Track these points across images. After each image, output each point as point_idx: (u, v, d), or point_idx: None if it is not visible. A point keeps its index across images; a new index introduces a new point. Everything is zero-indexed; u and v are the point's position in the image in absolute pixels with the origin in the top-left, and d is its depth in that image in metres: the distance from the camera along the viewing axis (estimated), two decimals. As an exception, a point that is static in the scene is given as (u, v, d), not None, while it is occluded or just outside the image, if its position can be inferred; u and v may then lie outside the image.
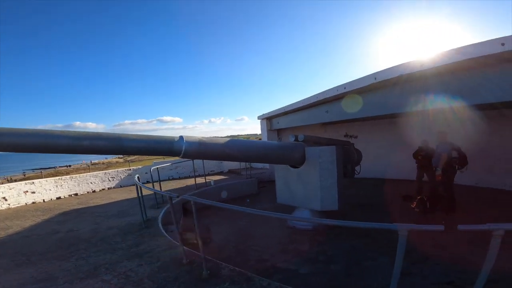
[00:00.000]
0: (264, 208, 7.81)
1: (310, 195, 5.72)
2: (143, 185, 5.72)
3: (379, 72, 5.28)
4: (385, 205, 7.33)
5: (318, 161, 5.52)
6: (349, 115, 6.94)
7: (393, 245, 4.46)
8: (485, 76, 3.78)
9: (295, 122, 10.74)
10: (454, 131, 9.05)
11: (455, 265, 3.98)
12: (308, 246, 5.05)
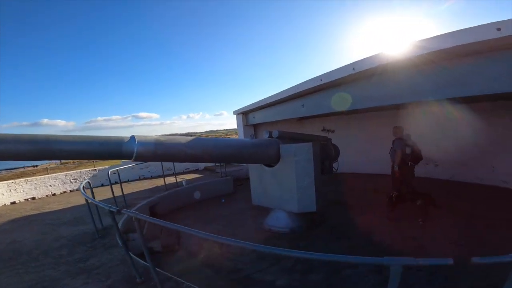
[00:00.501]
0: (240, 208, 7.35)
1: (287, 196, 5.28)
2: (85, 194, 4.99)
3: (357, 62, 4.85)
4: (364, 203, 7.04)
5: (293, 160, 5.05)
6: (326, 108, 6.52)
7: (374, 248, 3.93)
8: (473, 67, 3.41)
9: (271, 117, 10.26)
10: (432, 125, 9.13)
11: (442, 273, 3.66)
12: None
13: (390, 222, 5.47)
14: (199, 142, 4.27)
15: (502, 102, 7.38)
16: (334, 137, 10.86)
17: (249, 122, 12.56)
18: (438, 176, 8.69)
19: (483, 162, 7.88)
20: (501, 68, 3.15)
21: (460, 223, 5.13)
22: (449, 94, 3.80)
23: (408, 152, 5.92)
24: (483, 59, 3.30)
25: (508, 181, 7.32)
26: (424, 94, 4.13)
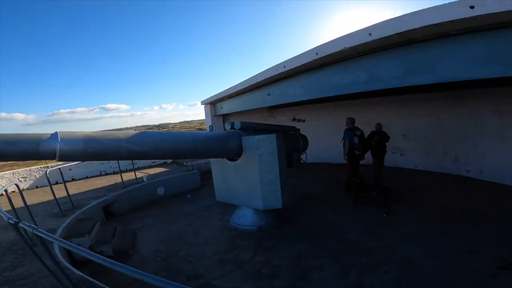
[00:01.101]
0: (206, 205, 6.95)
1: (251, 192, 4.91)
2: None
3: (321, 46, 4.44)
4: (334, 196, 6.86)
5: (256, 153, 4.64)
6: (291, 97, 6.12)
7: (341, 248, 4.18)
8: (440, 51, 3.08)
9: (238, 107, 9.76)
10: (398, 115, 9.15)
11: (409, 274, 3.47)
12: (251, 254, 4.37)
13: (357, 218, 5.32)
14: (144, 137, 3.71)
15: (467, 91, 7.37)
16: (305, 126, 10.73)
17: (217, 113, 12.00)
18: (405, 165, 8.70)
19: (447, 151, 7.91)
20: (472, 52, 2.85)
21: (423, 219, 5.03)
22: (415, 81, 3.49)
23: (355, 142, 6.37)
24: (451, 43, 2.98)
25: (471, 170, 7.37)
26: (390, 81, 3.80)
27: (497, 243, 3.94)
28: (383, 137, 7.13)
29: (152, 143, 3.75)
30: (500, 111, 6.63)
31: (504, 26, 2.54)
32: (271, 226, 5.21)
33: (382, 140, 7.12)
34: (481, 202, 5.55)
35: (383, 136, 7.15)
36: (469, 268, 3.40)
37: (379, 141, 7.06)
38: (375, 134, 7.15)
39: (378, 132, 7.16)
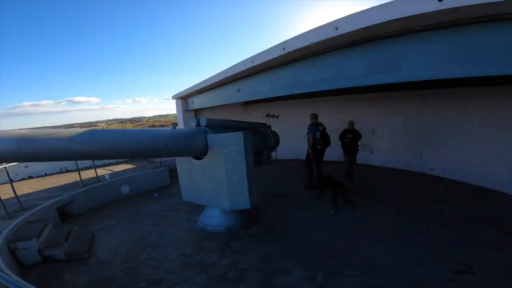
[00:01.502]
0: (173, 204, 6.63)
1: (218, 192, 4.67)
2: None
3: (288, 40, 4.23)
4: (304, 194, 6.76)
5: (222, 152, 4.39)
6: (260, 94, 5.92)
7: (309, 249, 4.10)
8: (407, 49, 2.97)
9: (209, 102, 9.43)
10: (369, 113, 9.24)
11: (372, 279, 3.40)
12: (217, 256, 4.17)
13: (326, 217, 5.24)
14: (92, 136, 3.33)
15: (431, 90, 7.50)
16: (279, 123, 10.69)
17: (189, 108, 11.57)
18: (374, 163, 8.80)
19: (412, 150, 8.04)
20: (438, 51, 2.75)
21: (388, 219, 5.03)
22: (381, 79, 3.38)
23: (317, 137, 6.58)
24: (418, 40, 2.86)
25: (434, 168, 7.53)
26: (356, 79, 3.68)
27: (457, 245, 3.98)
28: (355, 135, 7.08)
29: (101, 143, 3.37)
30: (462, 111, 6.78)
31: (472, 23, 2.44)
32: (239, 227, 5.02)
33: (355, 138, 7.07)
34: (443, 202, 5.63)
35: (355, 134, 7.10)
36: (430, 273, 3.39)
37: (351, 139, 7.02)
38: (348, 132, 7.10)
39: (351, 130, 7.10)
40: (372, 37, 3.17)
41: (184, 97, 11.54)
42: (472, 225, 4.54)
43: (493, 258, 3.58)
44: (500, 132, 5.96)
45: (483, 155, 6.34)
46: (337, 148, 9.87)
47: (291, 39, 4.18)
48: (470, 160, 6.63)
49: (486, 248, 3.85)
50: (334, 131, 9.76)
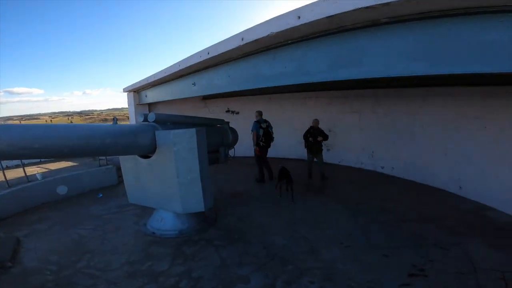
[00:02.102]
0: (120, 205, 6.00)
1: (168, 194, 4.25)
2: None
3: (247, 30, 3.90)
4: (262, 192, 6.56)
5: (172, 150, 3.97)
6: (217, 88, 5.52)
7: (268, 254, 3.92)
8: (368, 43, 2.80)
9: (164, 96, 8.76)
10: (325, 110, 9.33)
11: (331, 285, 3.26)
12: (168, 264, 3.79)
13: (284, 218, 5.09)
14: (8, 131, 2.69)
15: (383, 90, 7.72)
16: (239, 119, 10.35)
17: (142, 101, 10.70)
18: (330, 160, 8.87)
19: (366, 148, 8.22)
20: (401, 46, 2.61)
21: (344, 218, 5.02)
22: (343, 75, 3.21)
23: (260, 133, 6.87)
24: (382, 33, 2.70)
25: (385, 167, 7.75)
26: (317, 74, 3.48)
27: (408, 246, 4.02)
28: (320, 135, 6.93)
29: (12, 140, 2.73)
30: (410, 111, 7.02)
31: (439, 16, 2.31)
32: (194, 230, 4.64)
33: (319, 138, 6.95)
34: (393, 201, 5.75)
35: (319, 133, 6.94)
36: (385, 277, 3.36)
37: (316, 139, 6.90)
38: (312, 131, 6.95)
39: (315, 129, 6.96)
40: (336, 29, 2.96)
41: (136, 90, 10.64)
42: (420, 225, 4.65)
43: (442, 259, 3.64)
44: (445, 132, 6.26)
45: (429, 154, 6.63)
46: (298, 145, 9.92)
47: (250, 28, 3.85)
48: (417, 160, 6.92)
49: (435, 248, 3.92)
50: (296, 130, 9.83)
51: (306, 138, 7.04)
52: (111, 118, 55.26)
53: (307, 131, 7.05)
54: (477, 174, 5.60)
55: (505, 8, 2.05)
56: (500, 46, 2.17)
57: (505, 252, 3.71)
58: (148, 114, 4.41)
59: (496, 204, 5.17)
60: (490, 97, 5.35)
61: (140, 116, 4.47)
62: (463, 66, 2.41)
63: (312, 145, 6.98)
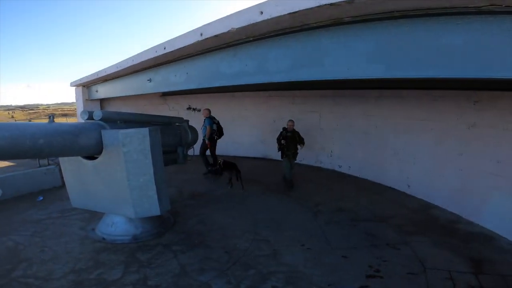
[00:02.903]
0: (63, 210, 5.37)
1: (118, 198, 3.86)
2: None
3: (206, 25, 3.65)
4: (223, 192, 6.33)
5: (121, 151, 3.59)
6: (173, 85, 5.17)
7: (230, 258, 3.77)
8: (332, 43, 2.74)
9: (117, 91, 8.09)
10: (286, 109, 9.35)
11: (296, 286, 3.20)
12: (121, 272, 3.46)
13: (246, 219, 4.95)
14: None
15: (340, 91, 7.88)
16: (201, 117, 10.04)
17: (92, 97, 9.82)
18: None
19: (325, 147, 8.37)
20: (364, 47, 2.56)
21: (307, 219, 5.01)
22: (304, 75, 3.12)
23: (214, 128, 7.23)
24: (344, 33, 2.64)
25: (343, 166, 7.96)
26: (278, 74, 3.36)
27: (364, 246, 4.11)
28: (294, 136, 6.38)
29: None
30: (365, 112, 7.29)
31: (399, 17, 2.30)
32: (149, 235, 4.30)
33: (294, 140, 6.36)
34: (350, 200, 5.87)
35: (294, 135, 6.38)
36: (345, 279, 3.38)
37: (290, 142, 6.33)
38: (286, 134, 6.34)
39: (291, 131, 6.37)
40: (299, 27, 2.85)
41: (86, 85, 9.73)
42: (374, 224, 4.80)
43: (394, 259, 3.76)
44: (395, 133, 6.58)
45: (381, 154, 6.92)
46: (259, 144, 9.84)
47: (210, 23, 3.60)
48: (371, 159, 7.20)
49: (388, 248, 4.05)
50: (259, 129, 9.81)
51: (279, 141, 6.41)
52: (59, 113, 50.72)
53: (280, 133, 6.44)
54: (423, 174, 5.95)
55: (464, 10, 2.08)
56: (454, 50, 2.22)
57: (450, 251, 3.93)
58: (94, 112, 3.98)
59: (439, 202, 5.53)
60: (436, 100, 5.71)
61: (84, 113, 4.01)
62: (419, 71, 2.44)
63: (287, 149, 6.36)
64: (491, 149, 4.71)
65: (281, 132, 6.43)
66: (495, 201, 4.63)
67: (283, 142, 6.30)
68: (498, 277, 3.35)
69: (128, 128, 3.83)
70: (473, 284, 3.22)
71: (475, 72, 2.22)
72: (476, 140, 4.99)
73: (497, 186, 4.57)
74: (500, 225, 4.44)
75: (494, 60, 2.11)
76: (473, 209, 4.91)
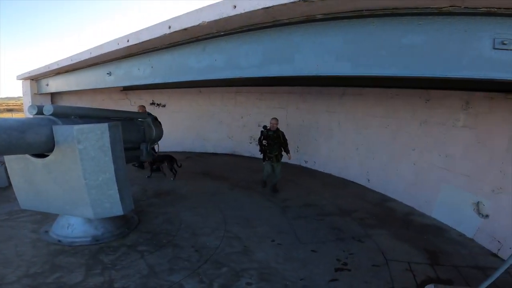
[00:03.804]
0: (11, 212, 4.88)
1: (74, 198, 3.57)
2: None
3: (176, 18, 3.48)
4: (191, 189, 6.17)
5: (75, 148, 3.31)
6: (137, 79, 4.87)
7: (200, 257, 3.68)
8: (302, 39, 2.75)
9: (71, 85, 7.43)
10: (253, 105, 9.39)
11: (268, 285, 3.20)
12: (83, 275, 3.22)
13: (215, 216, 4.86)
14: None
15: (306, 88, 8.05)
16: (166, 112, 9.63)
17: (42, 91, 8.94)
18: (260, 156, 9.04)
19: (291, 143, 8.56)
20: (333, 44, 2.60)
21: (276, 215, 5.06)
22: (275, 71, 3.11)
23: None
24: (316, 30, 2.66)
25: (308, 161, 8.16)
26: (249, 69, 3.31)
27: (331, 240, 4.24)
28: (278, 136, 5.72)
29: None
30: (329, 108, 7.55)
31: (368, 16, 2.37)
32: (112, 236, 4.05)
33: (278, 141, 5.70)
34: (316, 194, 6.04)
35: (278, 135, 5.72)
36: (316, 273, 3.45)
37: (273, 143, 5.68)
38: (267, 134, 5.67)
39: (274, 130, 5.69)
40: (271, 22, 2.82)
41: (34, 78, 8.82)
42: (339, 218, 4.98)
43: (360, 252, 3.93)
44: (356, 129, 6.91)
45: (344, 150, 7.24)
46: (227, 140, 9.73)
47: (179, 16, 3.42)
48: (335, 154, 7.49)
49: (353, 241, 4.22)
50: (226, 125, 9.69)
51: (261, 142, 5.71)
52: (3, 108, 45.71)
53: (261, 133, 5.73)
54: (381, 168, 6.32)
55: (427, 11, 2.20)
56: (415, 50, 2.35)
57: (407, 243, 4.19)
58: (44, 106, 3.62)
59: (396, 195, 5.90)
60: (392, 98, 6.09)
61: (32, 108, 3.63)
62: (383, 69, 2.55)
63: (270, 151, 5.70)
64: (440, 144, 5.11)
65: (262, 132, 5.74)
66: (444, 193, 5.00)
67: (265, 143, 5.62)
68: (452, 268, 3.60)
69: (85, 123, 3.55)
70: (431, 275, 3.44)
71: (433, 71, 2.36)
72: (427, 136, 5.38)
73: (445, 179, 4.96)
74: (449, 216, 4.81)
75: (450, 60, 2.27)
76: (425, 201, 5.27)
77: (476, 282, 2.50)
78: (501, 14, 2.09)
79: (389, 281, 3.31)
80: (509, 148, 4.06)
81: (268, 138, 5.64)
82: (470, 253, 3.97)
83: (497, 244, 3.97)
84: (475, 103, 4.61)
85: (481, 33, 2.18)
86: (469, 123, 4.69)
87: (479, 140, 4.49)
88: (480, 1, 2.04)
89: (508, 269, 2.34)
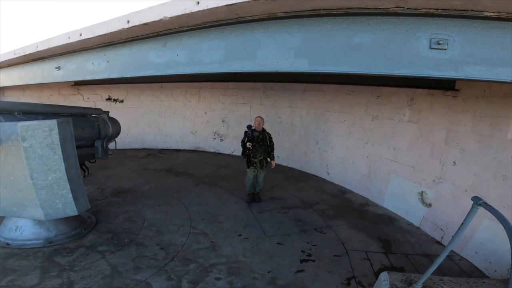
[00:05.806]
0: None
1: (20, 199, 3.37)
2: None
3: (135, 13, 3.35)
4: (152, 187, 6.01)
5: (20, 146, 3.09)
6: (91, 74, 4.58)
7: (167, 254, 3.63)
8: (264, 36, 2.83)
9: (14, 80, 6.76)
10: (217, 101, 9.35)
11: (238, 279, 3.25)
12: (38, 277, 3.06)
13: (179, 213, 4.79)
14: None
15: (269, 84, 8.19)
16: (123, 108, 9.25)
17: (-15, 85, 8.06)
18: (224, 151, 9.04)
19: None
20: (292, 41, 2.69)
21: (241, 209, 5.16)
22: (237, 67, 3.14)
23: None
24: (277, 28, 2.75)
25: (280, 156, 8.33)
26: (211, 64, 3.30)
27: (296, 232, 4.38)
28: (264, 138, 5.10)
29: None
30: (291, 104, 7.79)
31: (324, 15, 2.49)
32: (67, 237, 3.85)
33: (263, 143, 5.06)
34: (279, 188, 6.21)
35: (264, 136, 5.11)
36: (283, 265, 3.56)
37: (259, 145, 5.01)
38: (252, 135, 5.00)
39: (259, 130, 5.10)
40: (234, 19, 2.84)
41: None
42: (302, 210, 5.16)
43: (322, 243, 4.10)
44: (317, 123, 7.22)
45: (305, 144, 7.52)
46: (190, 136, 9.55)
47: (140, 11, 3.29)
48: (297, 149, 7.75)
49: (315, 232, 4.40)
50: (189, 121, 9.52)
51: (244, 144, 4.96)
52: None
53: (245, 134, 4.99)
54: (338, 161, 6.68)
55: (376, 11, 2.36)
56: (365, 49, 2.52)
57: (363, 232, 4.46)
58: None
59: (352, 187, 6.28)
60: (349, 95, 6.46)
61: None
62: (336, 66, 2.70)
63: (253, 155, 5.01)
64: (389, 138, 5.52)
65: (246, 132, 5.00)
66: (392, 184, 5.38)
67: (249, 146, 4.88)
68: (402, 256, 3.88)
69: (30, 120, 3.34)
70: (386, 263, 3.68)
71: (379, 69, 2.54)
72: (378, 130, 5.78)
73: (394, 171, 5.36)
74: (398, 206, 5.18)
75: (393, 59, 2.46)
76: (378, 192, 5.65)
77: (423, 269, 2.76)
78: (438, 15, 2.27)
79: (350, 270, 3.51)
80: (447, 140, 4.49)
81: (253, 140, 4.95)
82: (417, 241, 4.26)
83: (440, 232, 4.29)
84: (419, 99, 5.04)
85: (420, 33, 2.36)
86: (413, 118, 5.12)
87: (422, 134, 4.92)
88: (421, 2, 2.19)
89: (450, 255, 2.56)
